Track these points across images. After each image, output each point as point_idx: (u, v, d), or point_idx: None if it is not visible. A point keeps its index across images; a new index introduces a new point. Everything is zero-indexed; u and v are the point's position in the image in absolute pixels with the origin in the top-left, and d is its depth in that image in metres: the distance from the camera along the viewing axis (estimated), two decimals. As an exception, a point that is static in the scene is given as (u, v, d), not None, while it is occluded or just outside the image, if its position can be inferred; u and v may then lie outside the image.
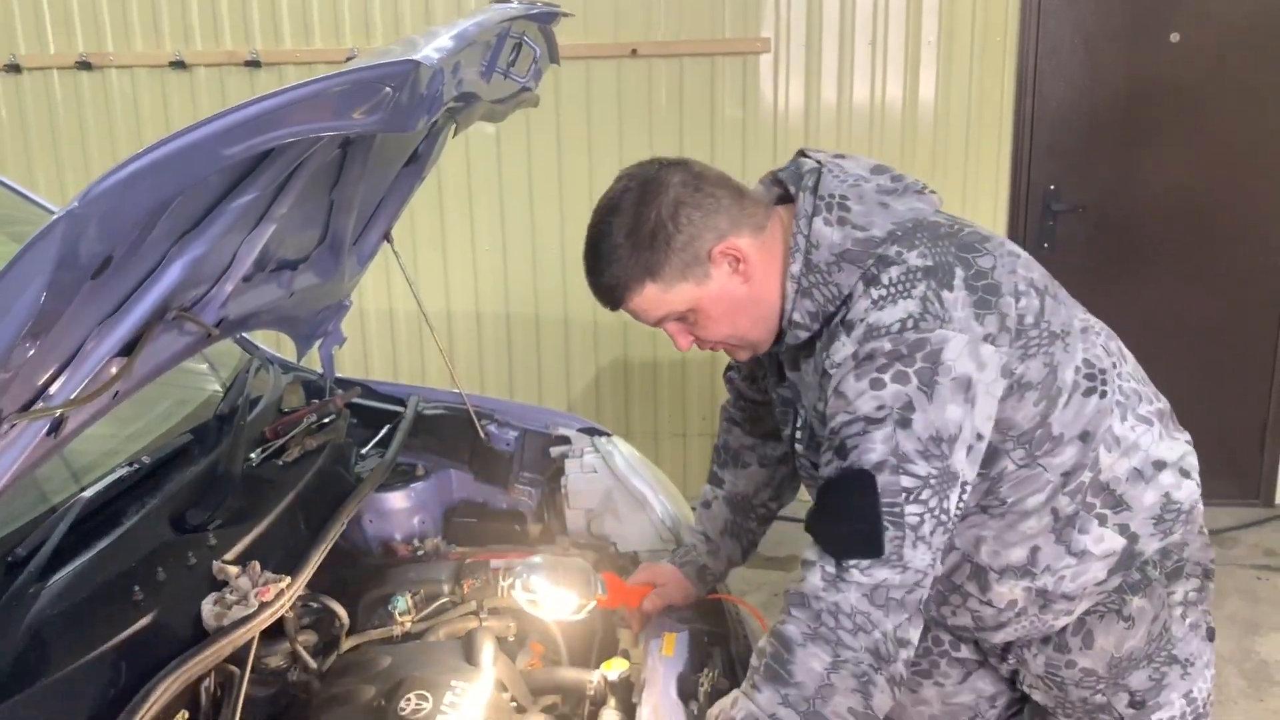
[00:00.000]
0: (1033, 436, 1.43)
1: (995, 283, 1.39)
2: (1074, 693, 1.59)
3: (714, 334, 1.51)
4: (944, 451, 1.32)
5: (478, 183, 3.94)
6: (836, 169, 1.47)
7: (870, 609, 1.32)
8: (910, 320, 1.34)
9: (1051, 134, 3.84)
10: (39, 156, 3.96)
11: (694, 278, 1.44)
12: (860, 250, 1.40)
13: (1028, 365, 1.40)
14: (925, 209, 1.46)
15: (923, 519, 1.32)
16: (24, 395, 1.04)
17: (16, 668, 1.20)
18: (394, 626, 1.81)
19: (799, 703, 1.33)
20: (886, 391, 1.32)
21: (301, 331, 2.08)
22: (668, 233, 1.42)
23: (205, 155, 0.92)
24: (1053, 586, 1.50)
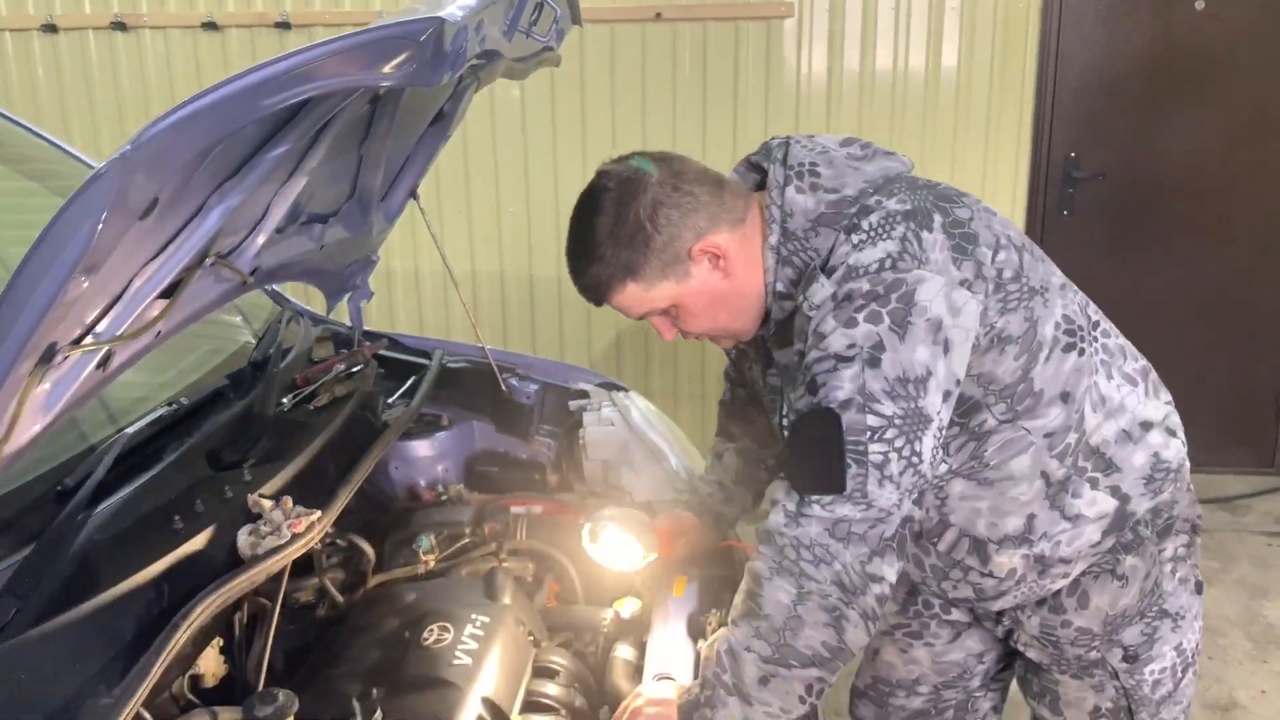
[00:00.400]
0: (1014, 391, 1.44)
1: (973, 232, 1.41)
2: (1069, 651, 1.63)
3: (696, 327, 1.55)
4: (911, 392, 1.33)
5: (502, 145, 3.99)
6: (804, 140, 1.51)
7: (829, 541, 1.33)
8: (889, 260, 1.36)
9: (1073, 101, 3.85)
10: (75, 115, 4.04)
11: (674, 276, 1.47)
12: (834, 213, 1.43)
13: (1008, 319, 1.41)
14: (897, 166, 1.49)
15: (887, 458, 1.33)
16: (76, 329, 1.12)
17: (67, 588, 1.29)
18: (418, 565, 1.89)
19: (769, 634, 1.36)
20: (858, 330, 1.33)
21: (331, 285, 2.15)
22: (646, 233, 1.44)
23: (245, 105, 0.99)
24: (1050, 552, 1.52)
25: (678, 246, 1.45)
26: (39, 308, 0.93)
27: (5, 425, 1.04)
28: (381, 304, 4.09)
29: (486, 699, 1.50)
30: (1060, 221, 3.95)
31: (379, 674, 1.55)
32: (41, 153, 2.29)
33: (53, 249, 0.92)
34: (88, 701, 1.22)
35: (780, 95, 3.89)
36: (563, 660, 1.69)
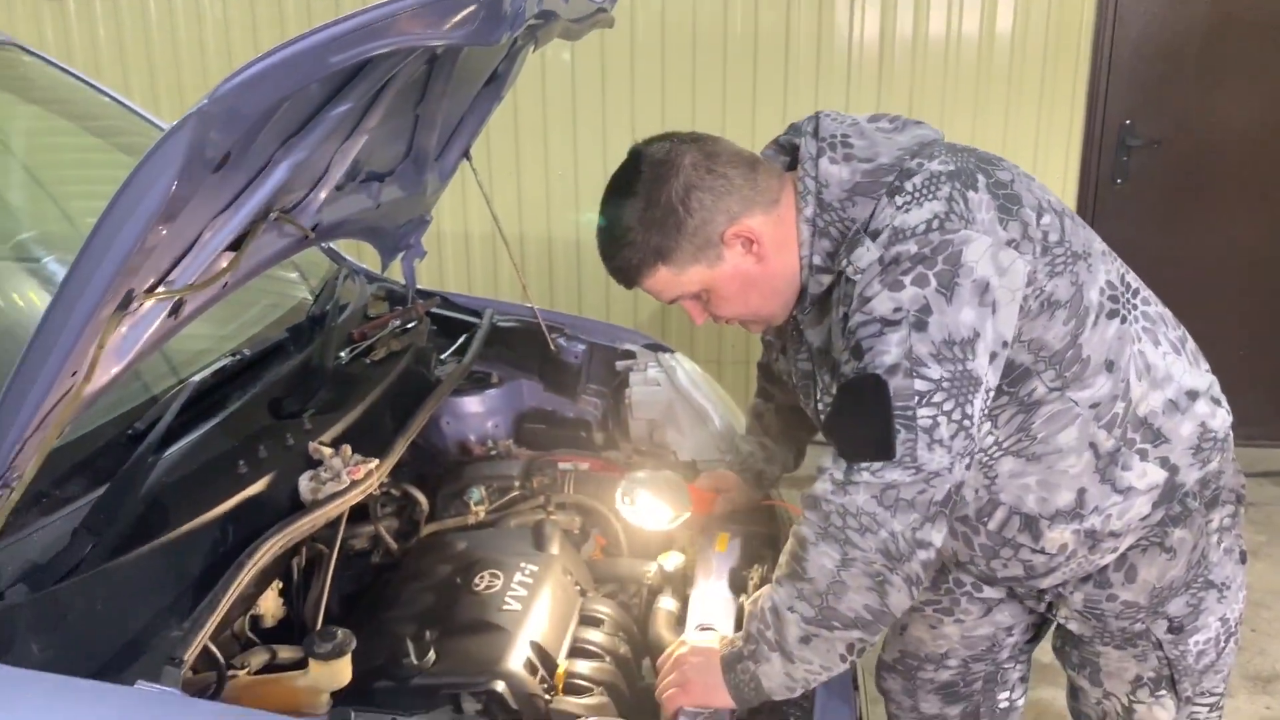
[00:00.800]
0: (1063, 358, 1.44)
1: (1016, 193, 1.41)
2: (1113, 624, 1.63)
3: (728, 311, 1.55)
4: (958, 354, 1.32)
5: (552, 109, 4.01)
6: (834, 113, 1.50)
7: (877, 509, 1.33)
8: (936, 220, 1.35)
9: (1130, 67, 3.79)
10: (134, 74, 4.12)
11: (706, 260, 1.46)
12: (870, 181, 1.42)
13: (1055, 283, 1.41)
14: (929, 134, 1.49)
15: (936, 421, 1.32)
16: (151, 277, 1.17)
17: (138, 526, 1.35)
18: (469, 515, 1.95)
19: (813, 597, 1.38)
20: (904, 294, 1.33)
21: (386, 243, 2.20)
22: (679, 217, 1.43)
23: (313, 62, 1.02)
24: (1100, 526, 1.52)
25: (710, 230, 1.45)
26: (121, 253, 0.98)
27: (85, 367, 1.09)
28: (431, 265, 4.14)
29: (534, 643, 1.55)
30: (1113, 189, 3.90)
31: (432, 617, 1.61)
32: (105, 109, 2.35)
33: (135, 197, 0.97)
34: (159, 633, 1.28)
35: (831, 60, 3.87)
36: (608, 610, 1.74)
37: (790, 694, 1.46)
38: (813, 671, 1.43)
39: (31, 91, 2.37)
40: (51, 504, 1.32)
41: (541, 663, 1.55)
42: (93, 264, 0.99)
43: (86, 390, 1.11)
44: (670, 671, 1.51)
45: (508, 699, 1.44)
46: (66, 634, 1.19)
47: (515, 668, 1.49)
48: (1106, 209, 3.86)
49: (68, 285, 1.00)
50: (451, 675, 1.48)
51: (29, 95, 2.38)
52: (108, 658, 1.22)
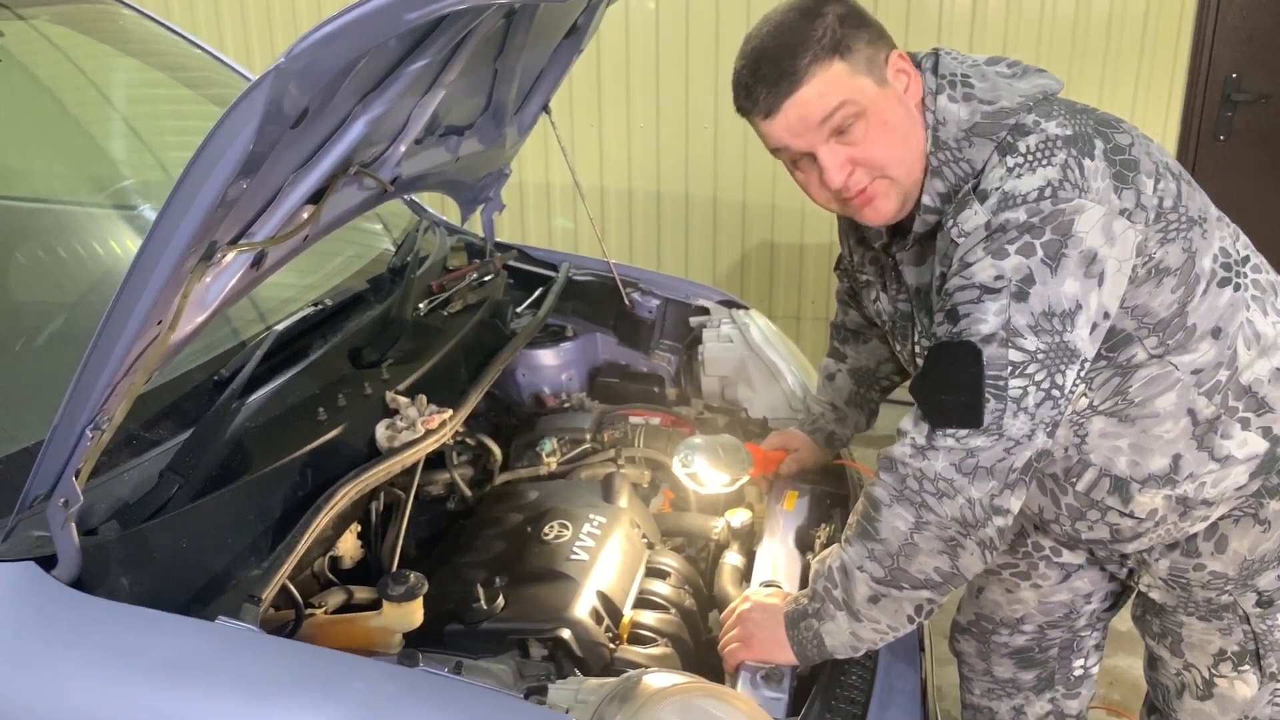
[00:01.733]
0: (1168, 324, 1.40)
1: (1133, 159, 1.36)
2: (1199, 594, 1.60)
3: (874, 152, 1.41)
4: (1056, 327, 1.30)
5: (635, 60, 3.99)
6: (953, 52, 1.46)
7: (955, 475, 1.32)
8: (1049, 188, 1.31)
9: (1239, 18, 3.62)
10: (229, 26, 4.21)
11: (874, 76, 1.39)
12: (990, 123, 1.38)
13: (1167, 250, 1.37)
14: (1051, 84, 1.44)
15: (1026, 391, 1.31)
16: (234, 229, 1.21)
17: (225, 465, 1.41)
18: (541, 466, 1.98)
19: (884, 558, 1.38)
20: (1008, 262, 1.30)
21: (465, 196, 2.23)
22: (856, 21, 1.38)
23: (389, 19, 1.03)
24: (1194, 493, 1.49)
25: (880, 45, 1.40)
26: (204, 207, 1.02)
27: (171, 316, 1.14)
28: (513, 216, 4.19)
29: (600, 593, 1.58)
30: (1215, 146, 3.74)
31: (502, 564, 1.65)
32: (199, 62, 2.42)
33: (216, 152, 1.00)
34: (240, 571, 1.34)
35: (922, 11, 3.77)
36: (674, 563, 1.77)
37: (854, 653, 1.47)
38: (880, 631, 1.44)
39: (130, 44, 2.45)
40: (141, 445, 1.39)
41: (607, 612, 1.58)
42: (177, 217, 1.03)
43: (172, 338, 1.16)
44: (734, 626, 1.53)
45: (573, 646, 1.48)
46: (154, 570, 1.25)
47: (581, 616, 1.53)
48: (1206, 167, 3.71)
49: (153, 237, 1.03)
50: (519, 621, 1.52)
51: (127, 48, 2.46)
52: (192, 593, 1.28)
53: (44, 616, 1.15)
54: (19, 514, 1.18)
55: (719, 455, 1.90)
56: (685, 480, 1.91)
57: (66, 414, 1.11)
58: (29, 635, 1.14)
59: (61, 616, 1.15)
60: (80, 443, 1.12)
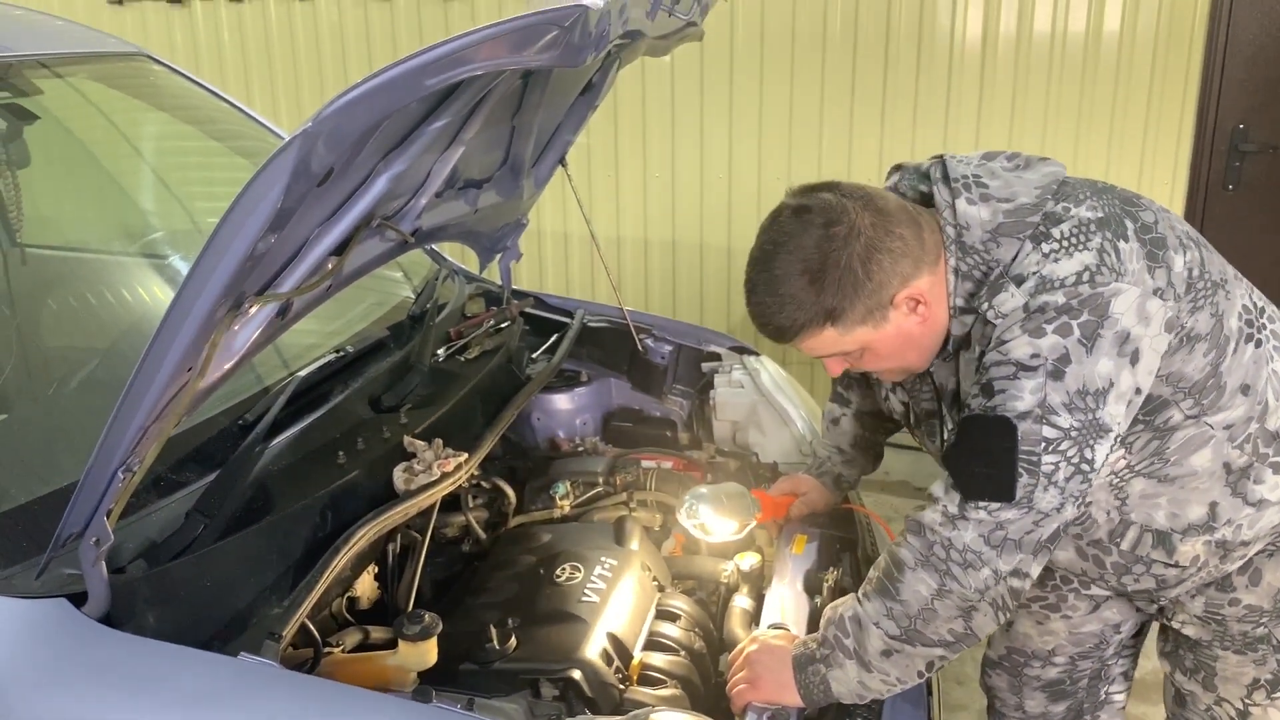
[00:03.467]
0: (1203, 386, 1.44)
1: (1161, 235, 1.41)
2: (1234, 627, 1.62)
3: (878, 366, 1.53)
4: (1090, 404, 1.34)
5: (651, 112, 4.08)
6: (956, 156, 1.48)
7: (984, 548, 1.36)
8: (1087, 273, 1.34)
9: (1244, 70, 3.67)
10: (256, 80, 4.33)
11: (873, 321, 1.43)
12: (1014, 222, 1.40)
13: (1197, 317, 1.41)
14: (1059, 171, 1.47)
15: (1058, 467, 1.34)
16: (261, 281, 1.27)
17: (247, 507, 1.47)
18: (554, 509, 2.02)
19: (901, 618, 1.42)
20: (1045, 341, 1.33)
21: (484, 245, 2.29)
22: (857, 279, 1.39)
23: (410, 84, 1.10)
24: (1232, 536, 1.52)
25: (883, 294, 1.41)
26: (235, 261, 1.07)
27: (200, 363, 1.19)
28: (531, 264, 4.26)
29: (611, 634, 1.62)
30: (1223, 196, 3.78)
31: (514, 605, 1.69)
32: (227, 116, 2.50)
33: (246, 209, 1.06)
34: (261, 609, 1.39)
35: (932, 61, 3.83)
36: (684, 605, 1.80)
37: (860, 700, 1.50)
38: (888, 682, 1.47)
39: (160, 98, 2.54)
40: (168, 487, 1.44)
41: (617, 653, 1.61)
42: (208, 270, 1.08)
43: (201, 385, 1.21)
44: (741, 668, 1.56)
45: (583, 687, 1.51)
46: (179, 607, 1.30)
47: (592, 657, 1.56)
48: (1215, 216, 3.74)
49: (185, 289, 1.09)
50: (531, 661, 1.55)
51: (158, 102, 2.55)
52: (215, 630, 1.32)
53: (74, 651, 1.20)
54: (52, 552, 1.23)
55: (724, 503, 1.91)
56: (693, 531, 1.92)
57: (100, 457, 1.16)
58: (60, 669, 1.18)
59: (90, 651, 1.19)
60: (112, 484, 1.17)
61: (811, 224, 1.41)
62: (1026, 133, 3.81)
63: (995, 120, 3.84)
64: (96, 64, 2.33)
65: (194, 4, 4.26)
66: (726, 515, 1.91)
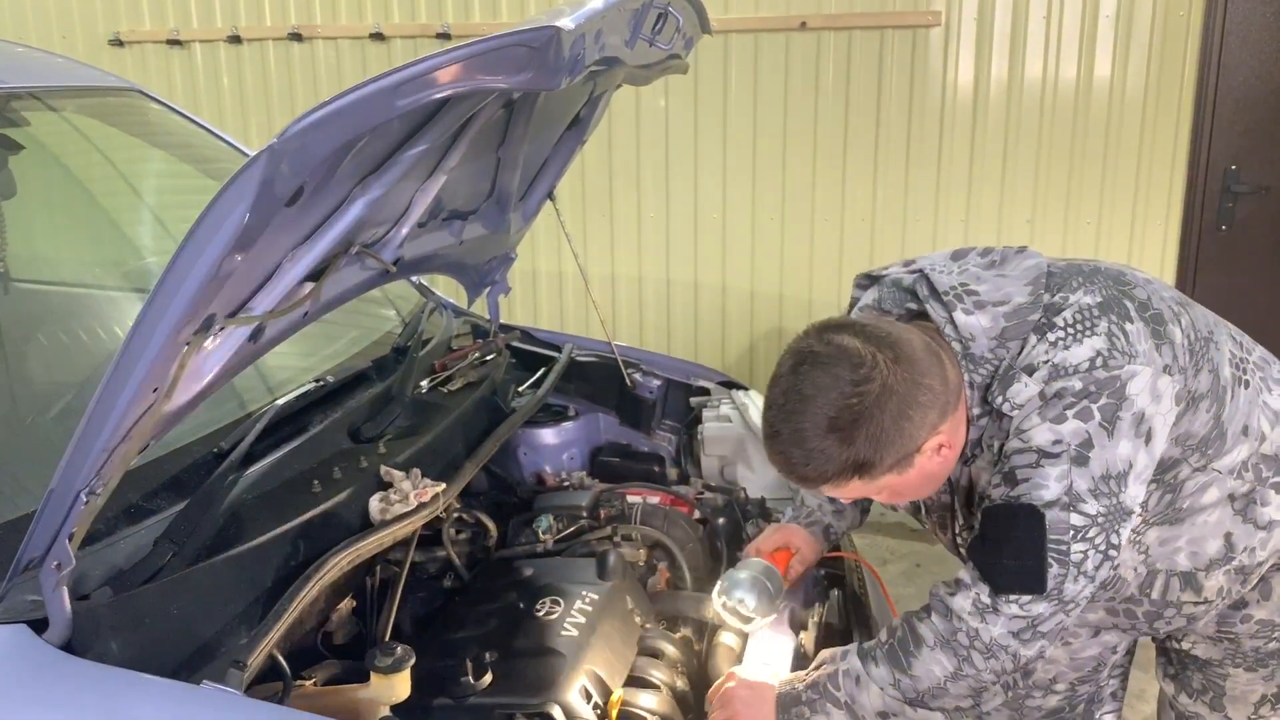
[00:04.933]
0: (1208, 439, 1.46)
1: (1158, 311, 1.42)
2: (1247, 644, 1.62)
3: (895, 501, 1.52)
4: (1114, 488, 1.34)
5: (645, 152, 4.10)
6: (933, 265, 1.47)
7: (1011, 642, 1.36)
8: (1100, 358, 1.34)
9: (1235, 112, 3.69)
10: (254, 120, 4.36)
11: (899, 469, 1.40)
12: (1016, 324, 1.40)
13: (1199, 379, 1.43)
14: (1040, 261, 1.46)
15: (1087, 555, 1.34)
16: (231, 303, 1.26)
17: (219, 535, 1.44)
18: (537, 544, 1.99)
19: (909, 690, 1.41)
20: (1066, 427, 1.32)
21: (471, 279, 2.29)
22: (889, 437, 1.33)
23: (379, 105, 1.10)
24: (1249, 561, 1.53)
25: (912, 445, 1.37)
26: (199, 279, 1.06)
27: (166, 385, 1.18)
28: (526, 301, 4.26)
29: (591, 670, 1.58)
30: (1217, 237, 3.79)
31: (493, 639, 1.65)
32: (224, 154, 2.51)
33: (210, 228, 1.05)
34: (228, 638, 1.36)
35: (925, 106, 3.86)
36: (667, 643, 1.76)
37: None
38: None
39: (157, 136, 2.55)
40: (138, 515, 1.42)
41: (597, 690, 1.57)
42: (172, 287, 1.07)
43: (168, 407, 1.20)
44: (721, 705, 1.52)
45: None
46: (143, 635, 1.27)
47: (569, 693, 1.52)
48: (1210, 257, 3.75)
49: (150, 306, 1.08)
50: (507, 696, 1.51)
51: (153, 139, 2.56)
52: (181, 659, 1.29)
53: (32, 678, 1.17)
54: (13, 577, 1.20)
55: (759, 591, 1.74)
56: (730, 620, 1.75)
57: (62, 479, 1.14)
58: (17, 695, 1.15)
59: (49, 678, 1.16)
60: (75, 507, 1.15)
61: (840, 379, 1.32)
62: (1019, 176, 3.83)
63: (988, 163, 3.86)
64: (89, 98, 2.34)
65: (194, 45, 4.31)
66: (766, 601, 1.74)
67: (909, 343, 1.37)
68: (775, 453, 1.39)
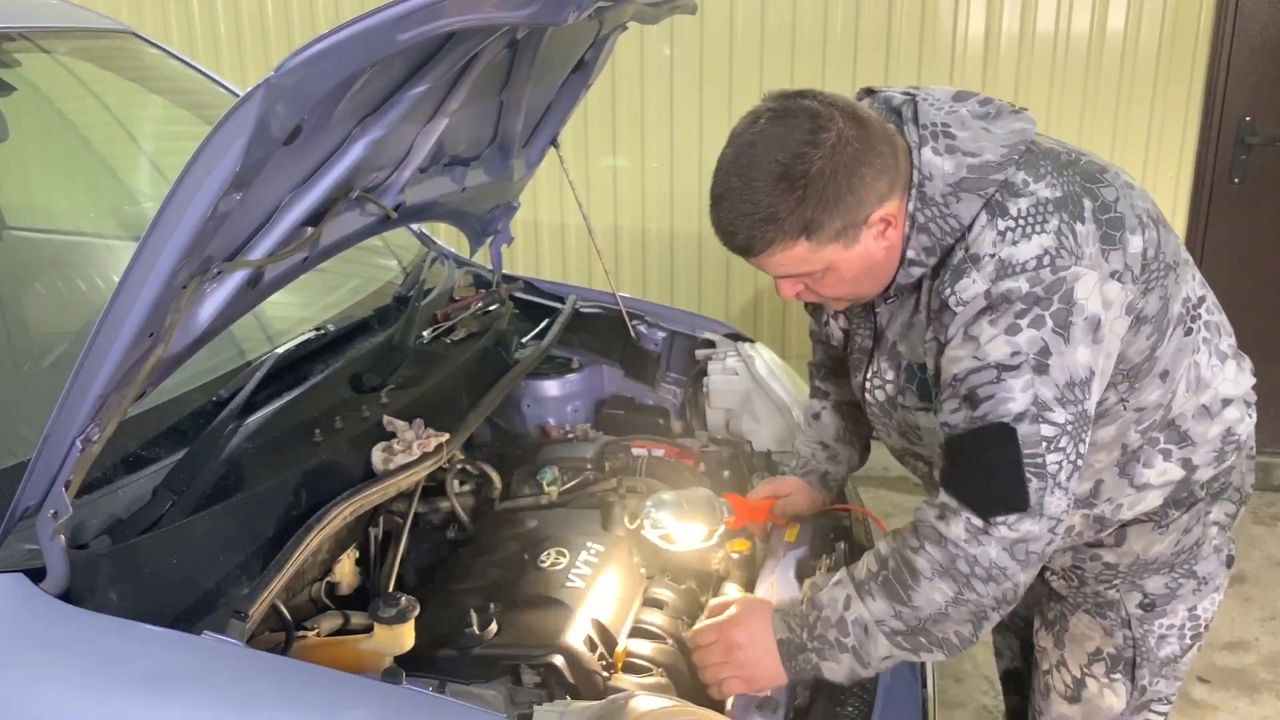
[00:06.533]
0: (1139, 369, 1.42)
1: (1119, 215, 1.37)
2: (1090, 586, 1.62)
3: (834, 291, 1.45)
4: (1079, 395, 1.31)
5: (649, 102, 4.03)
6: (928, 97, 1.42)
7: (1009, 563, 1.33)
8: (1046, 256, 1.30)
9: (1251, 62, 3.63)
10: (251, 62, 4.29)
11: (844, 240, 1.35)
12: (977, 178, 1.35)
13: (1147, 300, 1.38)
14: (1028, 129, 1.41)
15: (1061, 466, 1.31)
16: (229, 246, 1.22)
17: (219, 484, 1.42)
18: (541, 495, 1.98)
19: (911, 619, 1.38)
20: (1022, 337, 1.29)
21: (473, 228, 2.25)
22: (839, 191, 1.30)
23: (381, 38, 1.05)
24: (1110, 514, 1.52)
25: (860, 211, 1.33)
26: (195, 219, 1.03)
27: (162, 330, 1.15)
28: (528, 253, 4.21)
29: (595, 620, 1.57)
30: (1229, 189, 3.73)
31: (497, 590, 1.64)
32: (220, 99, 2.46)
33: (206, 166, 1.01)
34: (229, 589, 1.34)
35: (934, 58, 3.79)
36: (672, 594, 1.75)
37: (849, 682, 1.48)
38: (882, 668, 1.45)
39: (151, 80, 2.49)
40: (137, 463, 1.39)
41: (601, 640, 1.56)
42: (168, 228, 1.04)
43: (164, 352, 1.16)
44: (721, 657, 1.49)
45: (565, 673, 1.46)
46: (143, 584, 1.25)
47: (574, 643, 1.51)
48: (1222, 209, 3.69)
49: (144, 248, 1.05)
50: (512, 647, 1.50)
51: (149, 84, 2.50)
52: (181, 609, 1.27)
53: (30, 627, 1.15)
54: (9, 525, 1.18)
55: (685, 510, 1.77)
56: (657, 542, 1.78)
57: (56, 426, 1.12)
58: (14, 645, 1.14)
59: (47, 627, 1.15)
60: (70, 454, 1.12)
61: (796, 128, 1.30)
62: (1030, 125, 3.77)
63: (998, 112, 3.79)
64: (82, 40, 2.28)
65: (190, -9, 4.23)
66: (691, 520, 1.77)
67: (866, 111, 1.36)
68: (721, 215, 1.35)
